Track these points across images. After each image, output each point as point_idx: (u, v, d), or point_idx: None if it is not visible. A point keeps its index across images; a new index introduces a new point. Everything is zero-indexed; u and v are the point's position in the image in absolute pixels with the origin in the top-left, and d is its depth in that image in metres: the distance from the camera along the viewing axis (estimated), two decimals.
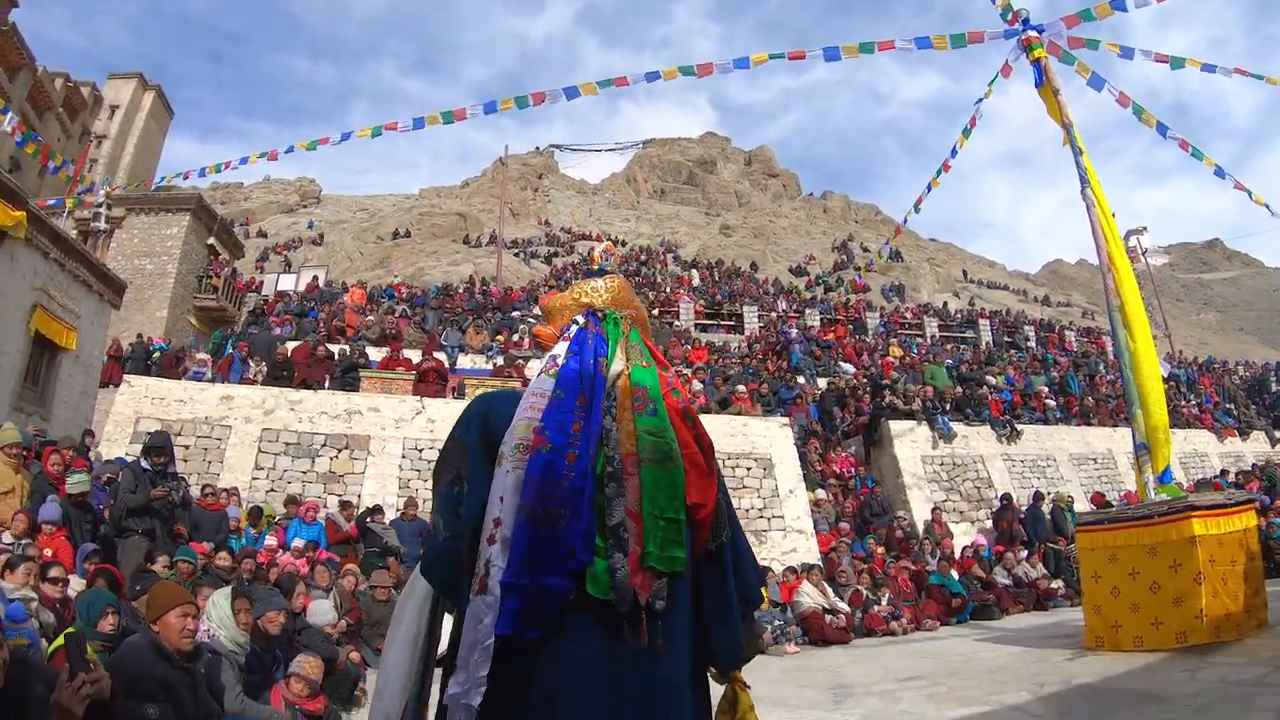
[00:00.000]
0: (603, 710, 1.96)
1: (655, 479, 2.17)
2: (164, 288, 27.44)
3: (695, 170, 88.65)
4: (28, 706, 3.18)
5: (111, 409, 14.10)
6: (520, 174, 74.68)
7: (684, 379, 17.89)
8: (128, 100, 57.52)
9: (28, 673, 3.32)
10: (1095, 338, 34.76)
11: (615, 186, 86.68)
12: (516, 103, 13.26)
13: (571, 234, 62.79)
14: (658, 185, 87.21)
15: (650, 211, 79.11)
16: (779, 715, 6.22)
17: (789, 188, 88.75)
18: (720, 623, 2.24)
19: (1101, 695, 6.05)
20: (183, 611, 3.99)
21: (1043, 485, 17.78)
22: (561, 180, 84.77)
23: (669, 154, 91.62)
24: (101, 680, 2.86)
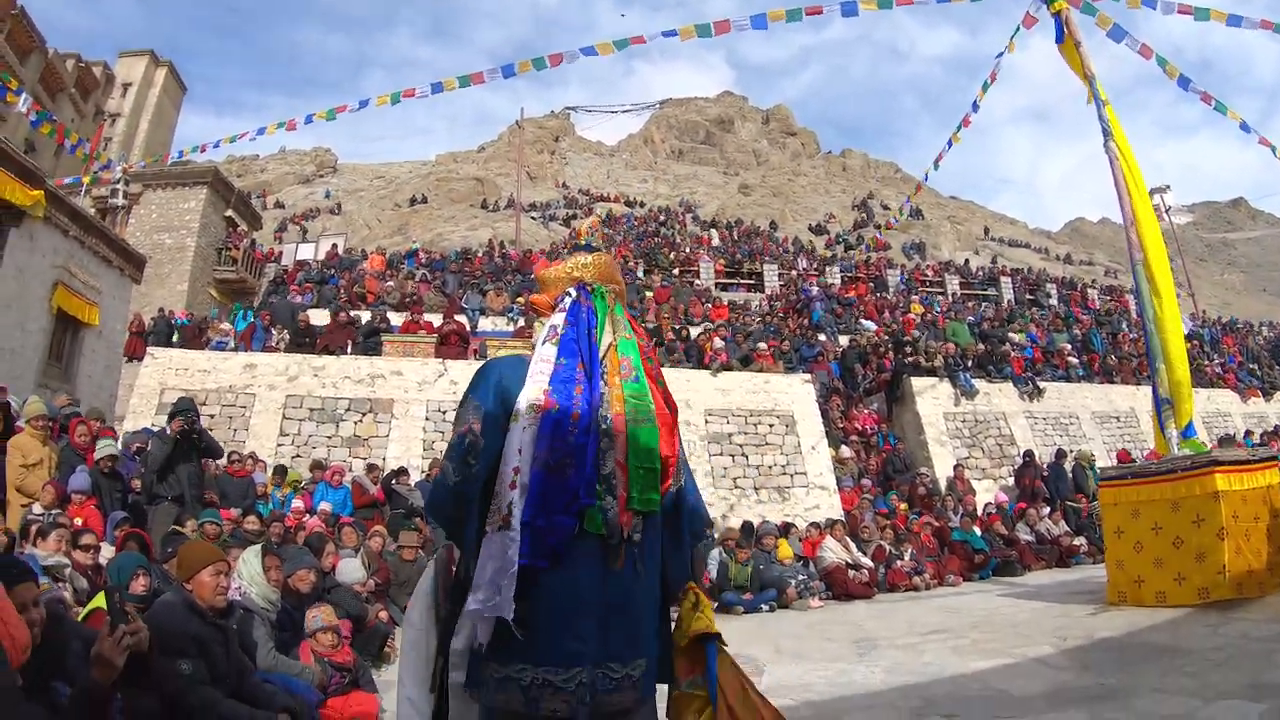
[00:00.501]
0: (597, 619, 2.46)
1: (638, 436, 2.61)
2: (183, 261, 27.61)
3: (713, 130, 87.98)
4: (64, 661, 3.27)
5: (136, 381, 14.24)
6: (537, 137, 74.33)
7: (705, 336, 17.93)
8: (140, 78, 57.44)
9: (63, 629, 3.41)
10: (1118, 296, 34.35)
11: (633, 148, 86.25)
12: (534, 64, 13.17)
13: (590, 196, 62.55)
14: (675, 145, 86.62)
15: (668, 172, 78.65)
16: (803, 667, 6.28)
17: (807, 146, 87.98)
18: (674, 551, 2.75)
19: (1124, 649, 6.04)
20: (215, 569, 4.04)
21: (1065, 443, 17.70)
22: (578, 143, 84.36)
23: (686, 114, 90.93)
24: (140, 632, 2.94)
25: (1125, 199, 9.10)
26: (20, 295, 15.66)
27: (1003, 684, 5.19)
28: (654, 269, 29.33)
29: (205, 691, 3.73)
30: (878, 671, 5.95)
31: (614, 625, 2.49)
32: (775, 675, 6.03)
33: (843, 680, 5.74)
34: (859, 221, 56.42)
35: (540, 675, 2.41)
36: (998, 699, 4.86)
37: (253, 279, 29.13)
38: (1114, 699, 4.58)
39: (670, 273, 29.26)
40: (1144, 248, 8.87)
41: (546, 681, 2.42)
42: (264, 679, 4.39)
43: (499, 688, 2.42)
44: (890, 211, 52.60)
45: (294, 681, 4.75)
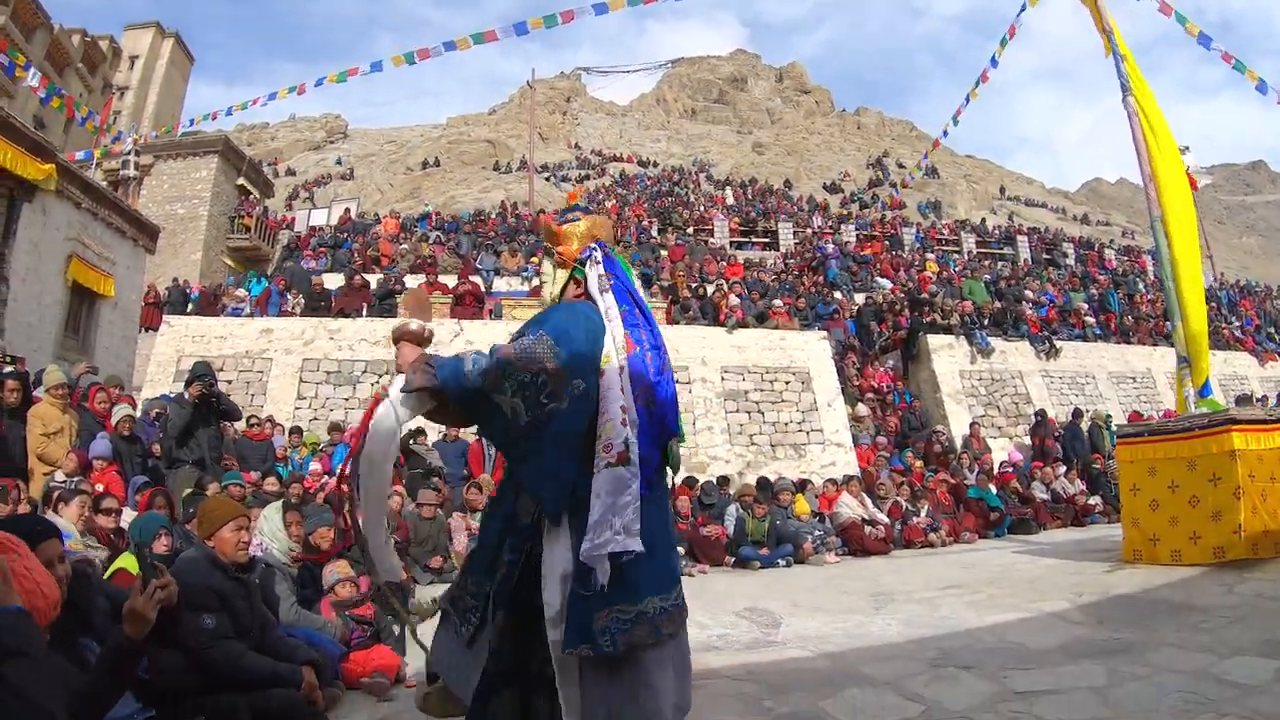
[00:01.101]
0: (667, 536, 2.79)
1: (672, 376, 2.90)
2: (197, 230, 27.70)
3: (726, 88, 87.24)
4: (90, 616, 3.33)
5: (153, 351, 14.34)
6: (548, 98, 73.88)
7: (721, 294, 17.94)
8: (147, 50, 57.20)
9: (89, 586, 3.46)
10: (1135, 257, 34.07)
11: (645, 107, 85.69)
12: (545, 22, 13.10)
13: (603, 156, 62.26)
14: (688, 105, 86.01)
15: (681, 131, 78.08)
16: (821, 620, 6.32)
17: (822, 104, 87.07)
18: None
19: (1140, 605, 6.05)
20: (235, 525, 4.08)
21: (1081, 403, 17.67)
22: (590, 103, 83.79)
23: (698, 73, 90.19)
24: (170, 586, 2.98)
25: (1144, 154, 8.96)
26: (35, 269, 15.73)
27: (1019, 637, 5.22)
28: (668, 228, 29.24)
29: (229, 645, 3.77)
30: (894, 624, 5.98)
31: (670, 537, 2.81)
32: (793, 627, 6.08)
33: (860, 632, 5.78)
34: (874, 180, 56.01)
35: (659, 603, 2.60)
36: (1014, 651, 4.88)
37: (267, 246, 29.25)
38: (1129, 653, 4.60)
39: (685, 232, 29.19)
40: (1164, 200, 8.74)
41: (662, 609, 2.61)
42: (287, 633, 4.44)
43: (634, 625, 2.49)
44: (906, 170, 52.14)
45: (316, 635, 4.80)
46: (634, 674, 2.51)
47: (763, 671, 4.80)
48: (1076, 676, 4.23)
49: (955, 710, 3.84)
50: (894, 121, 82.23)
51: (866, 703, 4.04)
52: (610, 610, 2.45)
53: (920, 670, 4.56)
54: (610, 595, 2.45)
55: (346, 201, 35.76)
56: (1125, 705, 3.74)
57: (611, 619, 2.45)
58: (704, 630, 6.00)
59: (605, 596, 2.44)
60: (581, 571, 2.47)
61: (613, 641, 2.42)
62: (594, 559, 2.42)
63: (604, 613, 2.44)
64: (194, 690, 3.60)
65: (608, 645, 2.42)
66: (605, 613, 2.44)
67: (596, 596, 2.44)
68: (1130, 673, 4.21)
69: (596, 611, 2.44)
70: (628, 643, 2.45)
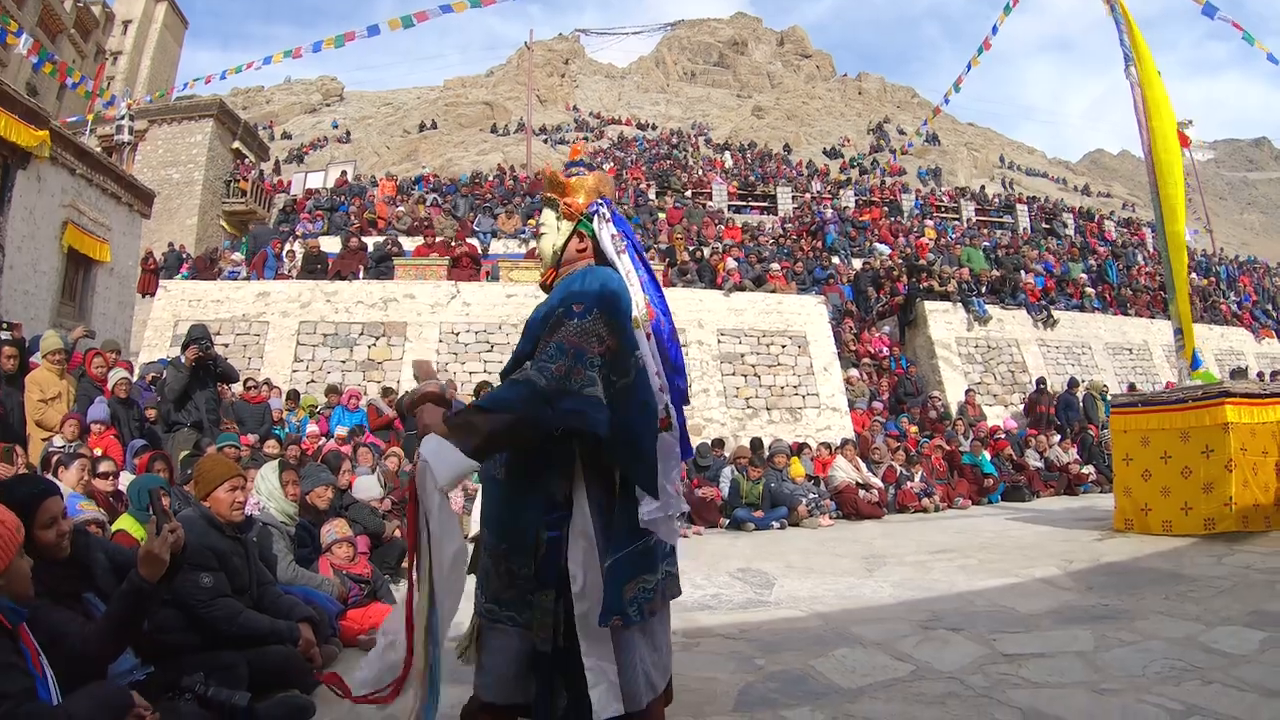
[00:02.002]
0: None
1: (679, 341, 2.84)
2: (192, 195, 27.67)
3: (726, 51, 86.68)
4: (92, 570, 3.39)
5: (150, 315, 14.35)
6: (546, 60, 73.38)
7: (718, 256, 17.91)
8: (140, 14, 56.58)
9: (89, 542, 3.52)
10: (1135, 229, 33.96)
11: (644, 70, 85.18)
12: None
13: (601, 119, 61.98)
14: (687, 67, 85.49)
15: (680, 94, 77.70)
16: (814, 581, 6.39)
17: (823, 69, 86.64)
18: None
19: (1129, 573, 6.11)
20: (231, 485, 4.12)
21: (1077, 372, 17.71)
22: (589, 65, 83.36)
23: (698, 35, 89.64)
24: (179, 530, 3.10)
25: (1145, 126, 8.92)
26: (31, 236, 15.76)
27: (1009, 602, 5.28)
28: (667, 191, 29.09)
29: (226, 603, 3.82)
30: (886, 586, 6.06)
31: None
32: (786, 588, 6.16)
33: (852, 594, 5.85)
34: (874, 146, 55.79)
35: (666, 569, 2.62)
36: (1004, 615, 4.94)
37: (262, 210, 29.09)
38: (1117, 619, 4.66)
39: (683, 195, 29.05)
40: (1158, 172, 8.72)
41: (668, 573, 2.65)
42: (285, 591, 4.50)
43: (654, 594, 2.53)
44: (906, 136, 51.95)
45: (314, 593, 4.86)
46: (654, 633, 2.59)
47: (755, 631, 4.86)
48: (1064, 641, 4.28)
49: (944, 671, 3.90)
50: (896, 88, 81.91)
51: (857, 662, 4.10)
52: (636, 581, 2.46)
53: (910, 632, 4.62)
54: (636, 566, 2.46)
55: (343, 164, 35.51)
56: (1112, 670, 3.79)
57: (638, 589, 2.46)
58: (698, 590, 6.08)
59: (631, 568, 2.45)
60: (607, 543, 2.45)
61: (640, 611, 2.44)
62: (658, 524, 2.45)
63: (631, 584, 2.44)
64: (193, 647, 3.66)
65: (636, 615, 2.43)
66: (632, 584, 2.44)
67: (627, 567, 2.44)
68: (1117, 639, 4.27)
69: (624, 583, 2.42)
70: (650, 610, 2.50)
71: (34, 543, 2.83)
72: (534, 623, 2.46)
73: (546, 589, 2.46)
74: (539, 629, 2.45)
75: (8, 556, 2.51)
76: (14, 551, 2.54)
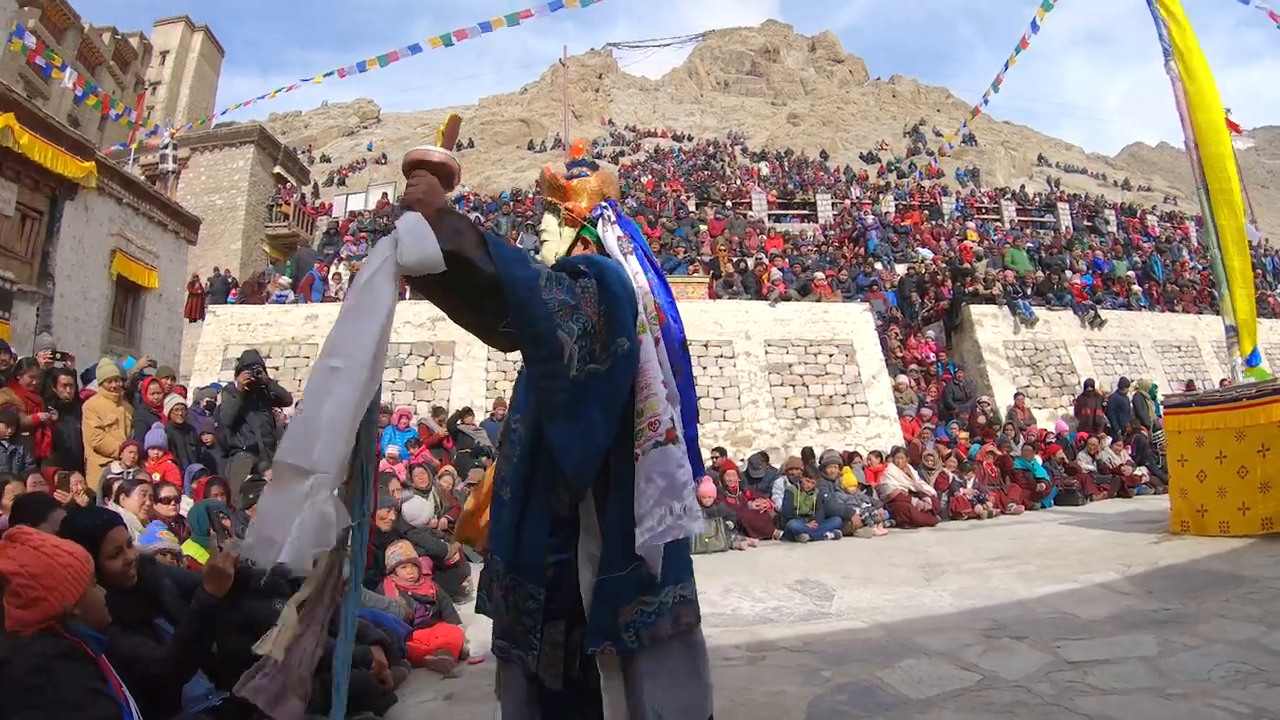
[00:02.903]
0: None
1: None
2: (235, 220, 28.09)
3: (758, 60, 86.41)
4: (160, 596, 3.48)
5: (199, 340, 14.59)
6: (580, 75, 73.57)
7: (762, 267, 17.85)
8: (177, 44, 57.71)
9: (155, 569, 3.61)
10: (1179, 223, 33.47)
11: (677, 81, 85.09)
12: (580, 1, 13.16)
13: (637, 132, 62.03)
14: (720, 77, 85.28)
15: (715, 104, 77.45)
16: (873, 591, 6.37)
17: (856, 73, 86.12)
18: None
19: (1188, 576, 6.06)
20: None
21: (1125, 372, 17.47)
22: (622, 79, 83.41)
23: (730, 45, 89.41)
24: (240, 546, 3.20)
25: (1188, 121, 8.79)
26: (80, 265, 16.13)
27: (1070, 608, 5.24)
28: (706, 202, 29.10)
29: None
30: (946, 595, 6.03)
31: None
32: (845, 599, 6.14)
33: (912, 604, 5.83)
34: (911, 149, 55.47)
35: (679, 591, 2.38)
36: (1066, 622, 4.91)
37: (305, 233, 29.47)
38: (1179, 624, 4.63)
39: (723, 205, 29.04)
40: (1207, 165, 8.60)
41: (682, 597, 2.39)
42: None
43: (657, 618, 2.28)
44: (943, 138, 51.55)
45: (382, 615, 4.92)
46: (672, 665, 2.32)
47: (819, 643, 4.87)
48: (1128, 647, 4.26)
49: (1011, 680, 3.88)
50: (930, 89, 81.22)
51: (923, 673, 4.10)
52: (635, 604, 2.25)
53: (974, 641, 4.61)
54: (633, 587, 2.25)
55: (383, 186, 35.84)
56: (1177, 675, 3.77)
57: (636, 612, 2.24)
58: (758, 603, 6.10)
59: (630, 589, 2.25)
60: (606, 562, 2.27)
61: (637, 637, 2.23)
62: (651, 549, 2.20)
63: (629, 607, 2.24)
64: None
65: (632, 641, 2.22)
66: (630, 607, 2.24)
67: (622, 589, 2.25)
68: (1180, 643, 4.24)
69: (621, 606, 2.23)
70: (652, 636, 2.25)
71: (101, 573, 2.89)
72: (543, 659, 2.29)
73: (556, 620, 2.30)
74: (548, 664, 2.29)
75: (81, 587, 2.58)
76: (87, 581, 2.61)
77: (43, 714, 2.34)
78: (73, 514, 3.59)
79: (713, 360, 14.55)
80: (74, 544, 2.68)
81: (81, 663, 2.48)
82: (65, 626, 2.50)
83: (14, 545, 2.54)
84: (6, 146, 13.78)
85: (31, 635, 2.44)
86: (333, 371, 1.94)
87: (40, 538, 2.62)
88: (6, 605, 2.48)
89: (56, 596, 2.48)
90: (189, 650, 3.02)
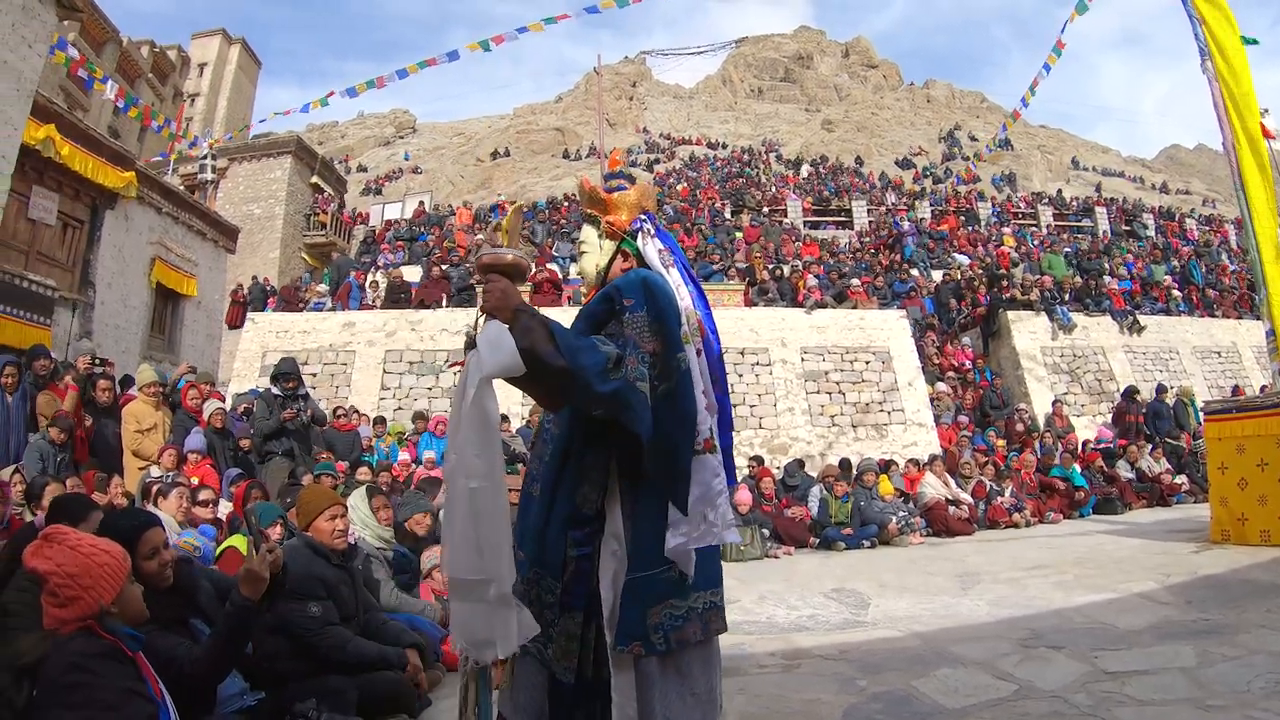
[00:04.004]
0: None
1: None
2: (273, 229, 28.43)
3: (791, 66, 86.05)
4: (197, 597, 3.53)
5: (238, 347, 14.79)
6: (614, 83, 73.69)
7: (798, 274, 17.81)
8: (214, 57, 58.22)
9: (192, 570, 3.68)
10: (1217, 226, 32.95)
11: (711, 89, 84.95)
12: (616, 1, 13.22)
13: (671, 140, 62.01)
14: (754, 84, 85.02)
15: (749, 111, 77.27)
16: (909, 600, 6.33)
17: (889, 78, 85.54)
18: None
19: (1229, 586, 5.96)
20: (330, 514, 4.21)
21: (1165, 378, 17.24)
22: (656, 87, 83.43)
23: (763, 51, 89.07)
24: (278, 551, 3.24)
25: (1226, 122, 8.66)
26: (121, 273, 16.44)
27: (1108, 618, 5.18)
28: (742, 209, 29.08)
29: (335, 631, 3.92)
30: (982, 604, 5.97)
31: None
32: (881, 608, 6.10)
33: (948, 613, 5.78)
34: (946, 154, 55.11)
35: (709, 598, 2.41)
36: (1104, 632, 4.85)
37: (343, 241, 29.79)
38: (1219, 634, 4.55)
39: (758, 213, 29.00)
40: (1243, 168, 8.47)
41: (711, 603, 2.43)
42: (390, 617, 4.59)
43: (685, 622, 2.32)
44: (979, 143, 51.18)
45: (418, 619, 4.94)
46: (688, 672, 2.35)
47: (854, 651, 4.84)
48: (1167, 657, 4.19)
49: (1048, 690, 3.84)
50: (964, 93, 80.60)
51: (959, 682, 4.06)
52: (663, 606, 2.27)
53: (1011, 650, 4.56)
54: (663, 589, 2.28)
55: (419, 195, 36.20)
56: (1216, 686, 3.71)
57: (664, 615, 2.27)
58: (794, 611, 6.07)
59: (660, 589, 2.28)
60: (637, 562, 2.29)
61: (665, 639, 2.25)
62: (683, 554, 2.27)
63: (657, 609, 2.27)
64: (301, 674, 3.75)
65: (660, 644, 2.25)
66: (659, 609, 2.27)
67: (651, 589, 2.27)
68: (1220, 654, 4.17)
69: (650, 607, 2.26)
70: (680, 639, 2.28)
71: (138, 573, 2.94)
72: (556, 649, 2.31)
73: (573, 611, 2.32)
74: (561, 656, 2.31)
75: (117, 584, 2.62)
76: (123, 579, 2.65)
77: (80, 714, 2.38)
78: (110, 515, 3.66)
79: (749, 368, 14.52)
80: (110, 542, 2.73)
81: (119, 662, 2.52)
82: (102, 625, 2.53)
83: (51, 545, 2.59)
84: (48, 157, 14.05)
85: (70, 634, 2.48)
86: (474, 492, 2.09)
87: (77, 537, 2.67)
88: (45, 604, 2.53)
89: (93, 595, 2.53)
90: (224, 651, 3.07)
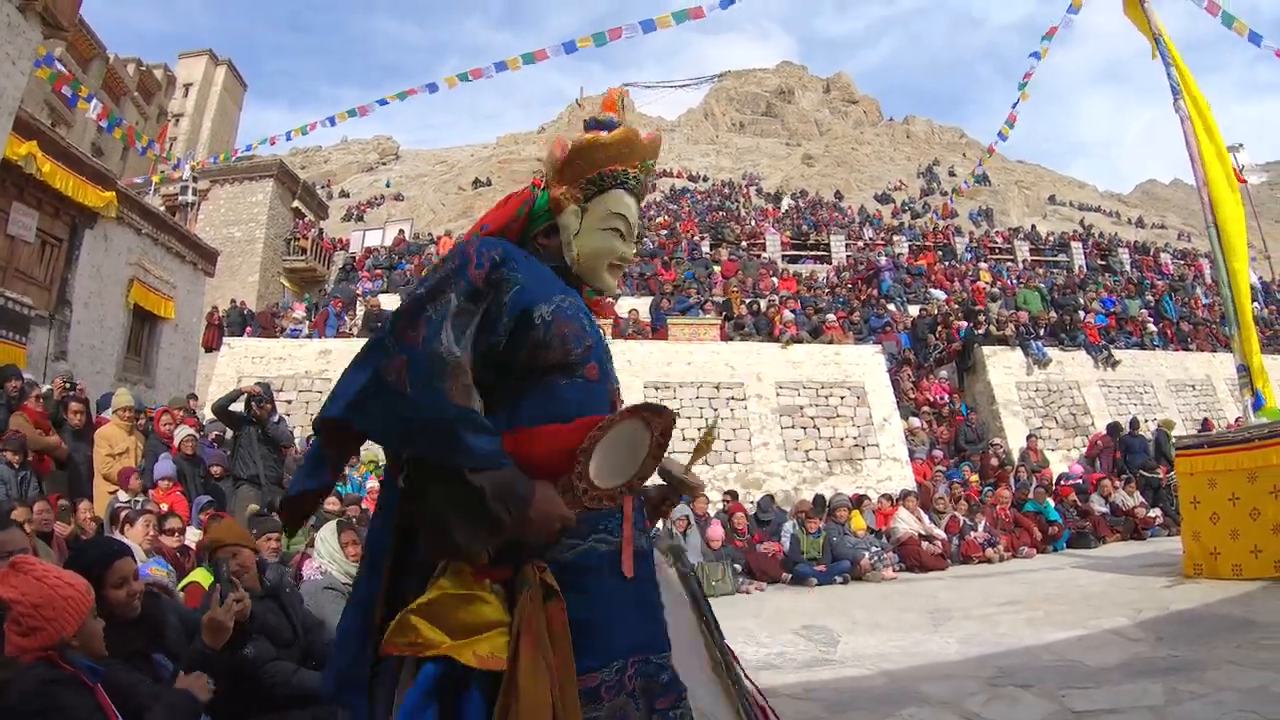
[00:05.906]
0: None
1: None
2: (253, 253, 28.27)
3: (773, 101, 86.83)
4: (164, 631, 3.48)
5: (213, 371, 14.69)
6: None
7: (774, 309, 17.88)
8: (200, 77, 58.14)
9: (160, 603, 3.61)
10: (1192, 260, 33.33)
11: (693, 122, 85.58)
12: (594, 40, 13.30)
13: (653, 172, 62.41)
14: (736, 118, 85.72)
15: (730, 145, 77.78)
16: (879, 637, 6.30)
17: (870, 114, 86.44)
18: None
19: (1199, 621, 5.97)
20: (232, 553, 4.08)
21: (1139, 412, 17.30)
22: (638, 119, 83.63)
23: (745, 86, 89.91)
24: (245, 600, 3.18)
25: (1198, 160, 8.82)
26: (98, 293, 16.29)
27: (1077, 655, 5.16)
28: (720, 243, 29.16)
29: (276, 668, 3.82)
30: (953, 642, 5.95)
31: None
32: (851, 645, 6.08)
33: (918, 650, 5.76)
34: (925, 189, 55.61)
35: None
36: (1073, 670, 4.83)
37: (322, 267, 29.70)
38: (1189, 671, 4.54)
39: (737, 246, 29.08)
40: (1216, 206, 8.61)
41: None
42: None
43: None
44: (958, 178, 51.66)
45: None
46: None
47: (821, 690, 4.81)
48: (1135, 695, 4.17)
49: None
50: (943, 129, 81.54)
51: None
52: None
53: (978, 689, 4.54)
54: None
55: (400, 222, 36.11)
56: None
57: None
58: (763, 648, 6.04)
59: None
60: None
61: None
62: None
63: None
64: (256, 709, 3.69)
65: None
66: None
67: None
68: (1189, 691, 4.15)
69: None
70: None
71: (105, 602, 2.94)
72: None
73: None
74: None
75: (80, 618, 2.60)
76: (86, 613, 2.64)
77: None
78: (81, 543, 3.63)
79: (724, 402, 14.53)
80: (76, 575, 2.72)
81: (79, 692, 2.51)
82: (62, 656, 2.53)
83: (17, 574, 2.58)
84: (29, 174, 13.94)
85: (30, 662, 2.48)
86: None
87: (43, 568, 2.66)
88: (8, 631, 2.52)
89: (55, 627, 2.52)
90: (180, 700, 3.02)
